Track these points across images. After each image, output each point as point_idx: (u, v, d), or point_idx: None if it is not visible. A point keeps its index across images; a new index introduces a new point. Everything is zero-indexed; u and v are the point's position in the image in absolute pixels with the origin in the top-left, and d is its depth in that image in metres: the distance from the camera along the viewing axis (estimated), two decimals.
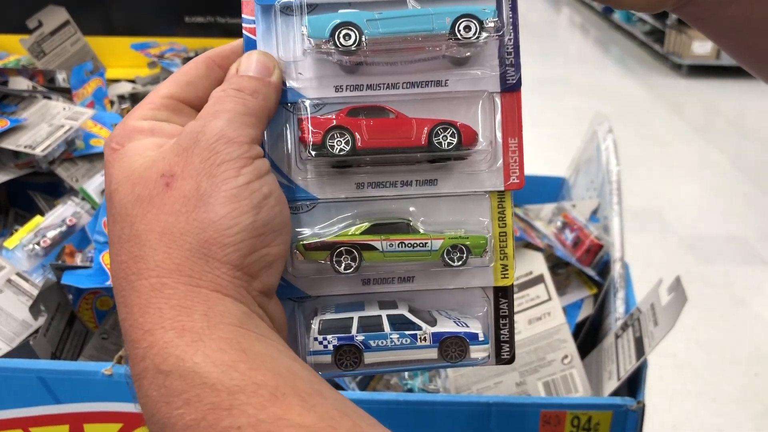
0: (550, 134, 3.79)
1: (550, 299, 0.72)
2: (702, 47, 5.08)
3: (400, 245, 0.38)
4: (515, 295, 0.75)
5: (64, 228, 0.86)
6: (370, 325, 0.37)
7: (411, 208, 0.39)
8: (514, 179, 0.39)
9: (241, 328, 0.30)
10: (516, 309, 0.76)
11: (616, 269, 0.83)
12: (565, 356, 0.70)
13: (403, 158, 0.38)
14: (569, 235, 0.89)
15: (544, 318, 0.71)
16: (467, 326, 0.38)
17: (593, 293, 0.86)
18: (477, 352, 0.39)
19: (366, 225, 0.38)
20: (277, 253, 0.33)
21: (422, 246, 0.38)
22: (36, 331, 0.73)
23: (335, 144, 0.36)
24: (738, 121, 4.29)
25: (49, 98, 0.99)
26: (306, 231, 0.38)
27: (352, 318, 0.38)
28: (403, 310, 0.38)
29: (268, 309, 0.33)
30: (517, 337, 0.75)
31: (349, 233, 0.38)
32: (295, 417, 0.26)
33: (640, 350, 0.67)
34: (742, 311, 2.34)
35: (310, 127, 0.36)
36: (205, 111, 0.33)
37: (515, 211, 0.94)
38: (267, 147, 0.37)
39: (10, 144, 0.89)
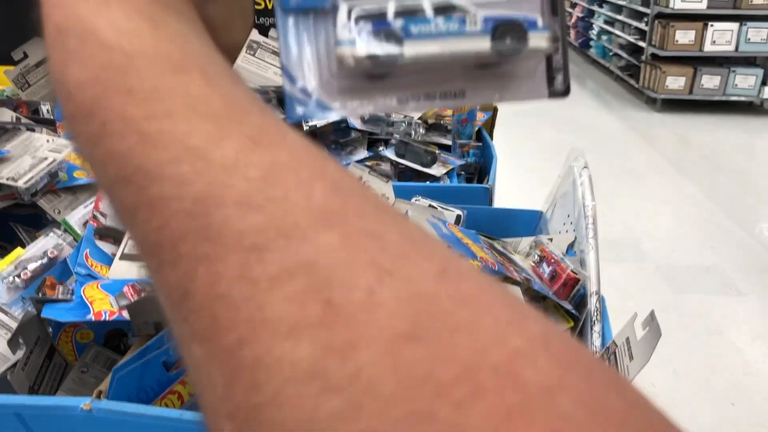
0: (528, 166, 3.85)
1: None
2: (675, 82, 5.22)
3: None
4: None
5: (45, 260, 0.86)
6: (410, 11, 0.31)
7: None
8: None
9: (158, 4, 0.27)
10: None
11: (593, 303, 0.85)
12: None
13: None
14: (546, 269, 0.90)
15: None
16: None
17: (570, 326, 0.87)
18: (537, 40, 0.32)
19: None
20: None
21: None
22: (14, 365, 0.73)
23: None
24: (711, 153, 4.40)
25: (33, 130, 0.99)
26: None
27: (386, 6, 0.31)
28: None
29: (207, 10, 0.29)
30: None
31: None
32: (194, 89, 0.24)
33: None
34: (717, 340, 2.37)
35: None
36: None
37: (493, 244, 0.96)
38: None
39: None
